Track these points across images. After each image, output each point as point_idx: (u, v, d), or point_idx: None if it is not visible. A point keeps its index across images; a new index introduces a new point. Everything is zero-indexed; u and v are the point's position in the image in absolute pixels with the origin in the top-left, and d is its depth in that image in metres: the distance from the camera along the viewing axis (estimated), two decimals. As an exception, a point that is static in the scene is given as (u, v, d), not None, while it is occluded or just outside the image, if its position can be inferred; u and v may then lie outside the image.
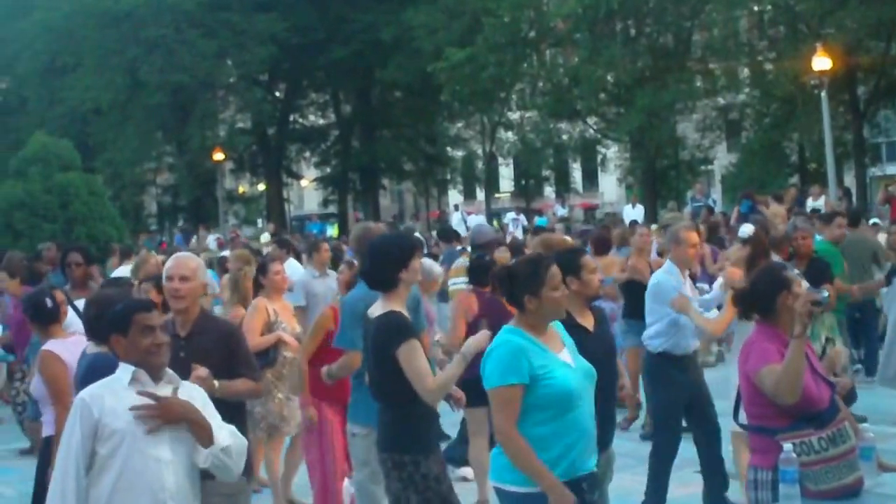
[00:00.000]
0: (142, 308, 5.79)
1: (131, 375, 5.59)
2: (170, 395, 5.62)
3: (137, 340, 5.63)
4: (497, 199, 61.99)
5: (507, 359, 6.01)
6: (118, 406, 5.48)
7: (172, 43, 50.63)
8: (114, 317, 5.81)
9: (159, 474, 5.45)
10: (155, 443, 5.46)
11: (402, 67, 49.05)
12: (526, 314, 6.14)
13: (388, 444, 7.10)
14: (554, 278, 6.13)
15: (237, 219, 70.00)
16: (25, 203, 31.67)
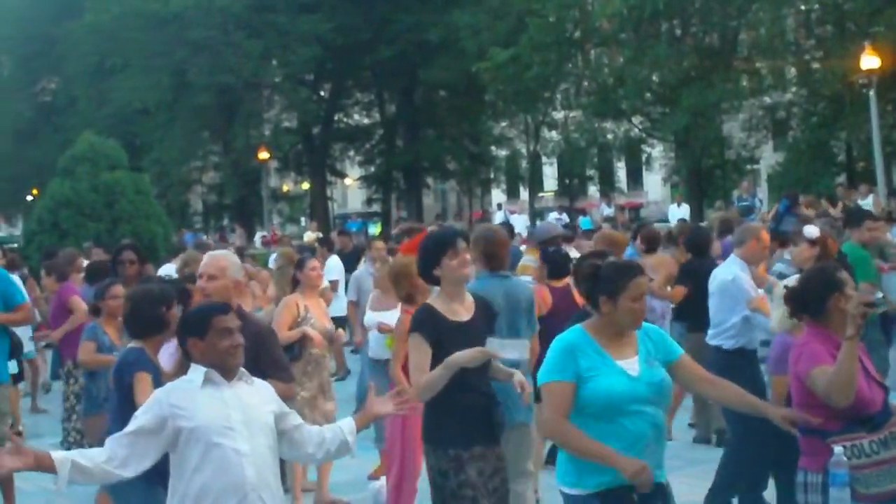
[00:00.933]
0: (219, 311, 5.84)
1: (203, 376, 5.67)
2: (242, 393, 5.72)
3: (216, 343, 5.69)
4: (540, 198, 61.80)
5: (557, 356, 6.01)
6: (193, 406, 5.58)
7: (219, 44, 50.95)
8: (191, 320, 5.88)
9: (240, 467, 5.52)
10: (233, 437, 5.54)
11: (446, 67, 49.08)
12: (599, 317, 6.08)
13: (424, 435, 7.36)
14: (637, 289, 6.00)
15: (281, 217, 70.31)
16: (72, 201, 31.85)
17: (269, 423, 5.75)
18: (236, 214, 62.22)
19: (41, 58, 64.82)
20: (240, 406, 5.66)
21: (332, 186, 69.82)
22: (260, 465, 5.61)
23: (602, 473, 5.86)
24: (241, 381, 5.76)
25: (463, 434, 7.12)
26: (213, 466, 5.51)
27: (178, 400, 5.59)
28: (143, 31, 52.38)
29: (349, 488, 11.51)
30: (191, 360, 5.78)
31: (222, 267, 7.31)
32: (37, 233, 32.26)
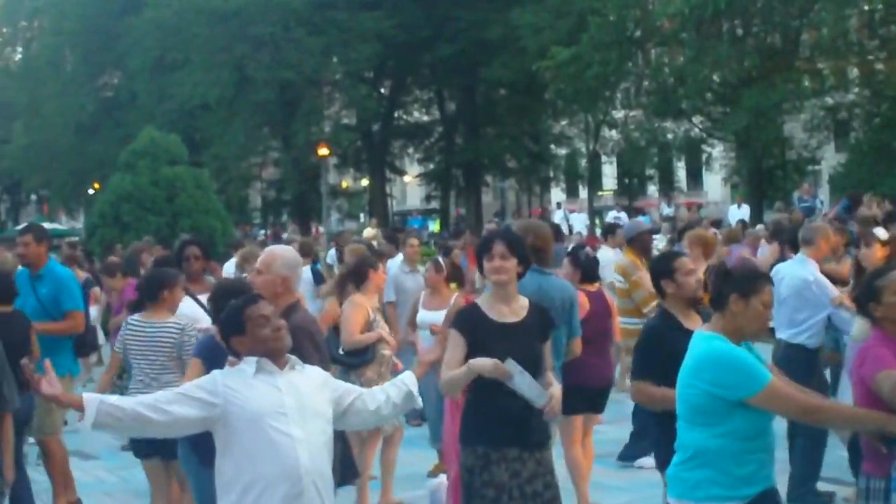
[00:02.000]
0: (250, 302, 5.87)
1: (256, 365, 5.70)
2: (295, 380, 5.76)
3: (257, 333, 5.73)
4: (599, 197, 61.72)
5: (745, 361, 5.78)
6: (246, 391, 5.63)
7: (280, 40, 51.26)
8: (227, 320, 5.90)
9: (294, 452, 5.55)
10: (286, 422, 5.58)
11: (507, 66, 49.10)
12: (725, 317, 5.88)
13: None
14: (767, 295, 5.87)
15: (340, 213, 70.55)
16: (133, 195, 32.16)
17: (322, 410, 5.79)
18: (295, 210, 62.53)
19: (104, 53, 65.32)
20: (293, 392, 5.69)
21: (391, 183, 70.08)
22: (313, 451, 5.64)
23: (754, 482, 5.83)
24: (293, 369, 5.80)
25: (494, 434, 7.08)
26: (267, 451, 5.54)
27: (233, 383, 5.65)
28: (205, 27, 52.78)
29: (407, 484, 11.45)
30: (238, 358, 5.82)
31: (268, 262, 7.33)
32: (98, 226, 32.58)
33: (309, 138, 54.29)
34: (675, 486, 5.96)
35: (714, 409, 5.75)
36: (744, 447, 5.75)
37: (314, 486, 5.61)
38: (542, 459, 7.17)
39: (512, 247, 7.19)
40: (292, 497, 5.55)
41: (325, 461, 5.74)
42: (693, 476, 5.85)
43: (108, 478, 12.59)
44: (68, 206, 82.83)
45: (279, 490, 5.53)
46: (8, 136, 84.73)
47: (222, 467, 5.67)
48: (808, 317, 10.04)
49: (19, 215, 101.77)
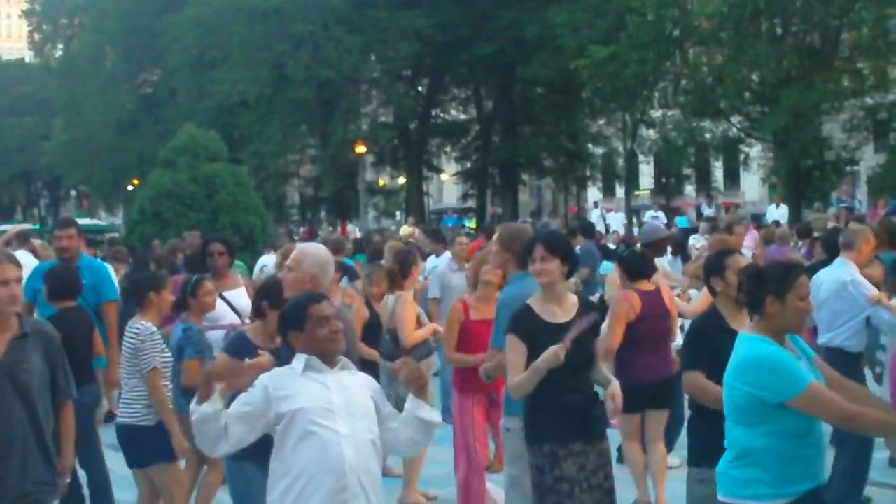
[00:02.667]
0: (313, 301, 5.99)
1: (305, 363, 5.82)
2: (344, 380, 5.88)
3: (315, 332, 5.86)
4: (636, 196, 61.61)
5: (787, 364, 5.81)
6: (295, 388, 5.74)
7: (319, 39, 51.37)
8: (288, 314, 6.02)
9: (339, 447, 5.64)
10: (333, 419, 5.68)
11: (544, 64, 49.01)
12: (765, 318, 5.93)
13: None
14: (802, 288, 5.91)
15: (377, 211, 70.68)
16: (173, 192, 32.18)
17: (370, 410, 5.87)
18: (333, 207, 62.75)
19: (144, 50, 65.65)
20: (341, 391, 5.79)
21: (427, 181, 70.06)
22: (359, 448, 5.71)
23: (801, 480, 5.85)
24: (344, 370, 5.90)
25: (559, 431, 7.29)
26: (313, 447, 5.64)
27: (281, 384, 5.75)
28: (244, 25, 52.99)
29: (442, 482, 11.52)
30: (294, 351, 5.91)
31: (299, 260, 7.37)
32: (139, 223, 32.61)
33: (347, 136, 54.37)
34: (724, 483, 6.01)
35: (758, 410, 5.79)
36: (790, 446, 5.79)
37: (359, 482, 5.69)
38: (602, 451, 7.41)
39: (551, 248, 7.36)
40: (337, 492, 5.64)
41: (372, 458, 5.81)
42: (740, 474, 5.90)
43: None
44: (108, 202, 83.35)
45: (324, 484, 5.63)
46: (48, 132, 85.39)
47: (273, 461, 5.79)
48: (846, 319, 9.97)
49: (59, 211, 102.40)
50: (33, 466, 6.54)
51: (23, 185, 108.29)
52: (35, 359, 6.63)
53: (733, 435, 5.97)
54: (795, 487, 5.81)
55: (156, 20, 62.89)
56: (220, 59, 56.16)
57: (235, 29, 53.54)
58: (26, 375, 6.53)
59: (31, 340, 6.64)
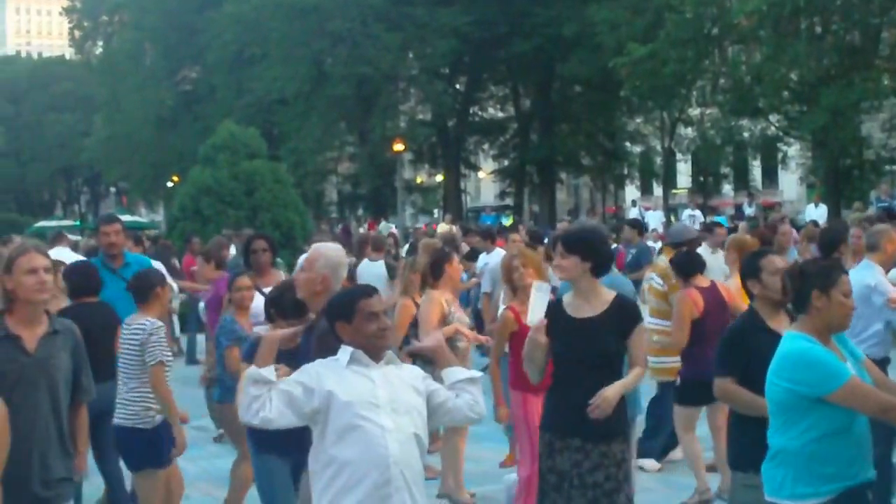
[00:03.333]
0: (364, 295, 5.96)
1: (350, 356, 5.82)
2: (390, 375, 5.85)
3: (363, 327, 5.83)
4: (674, 195, 61.39)
5: (825, 359, 5.83)
6: (340, 381, 5.73)
7: (357, 36, 51.58)
8: (338, 304, 6.01)
9: (384, 441, 5.64)
10: (377, 413, 5.67)
11: (583, 62, 48.94)
12: (811, 315, 5.95)
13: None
14: (845, 285, 5.94)
15: (414, 208, 70.78)
16: (213, 189, 32.32)
17: (415, 404, 5.86)
18: (370, 205, 62.88)
19: (183, 47, 66.02)
20: (386, 385, 5.78)
21: (465, 179, 70.09)
22: (403, 442, 5.70)
23: (837, 479, 5.84)
24: (390, 364, 5.90)
25: (558, 422, 7.43)
26: (357, 440, 5.63)
27: (327, 375, 5.75)
28: (283, 22, 53.20)
29: (483, 479, 11.58)
30: (340, 343, 5.91)
31: (311, 260, 7.37)
32: (179, 219, 32.78)
33: (385, 133, 54.61)
34: (766, 483, 6.04)
35: (796, 407, 5.81)
36: (827, 444, 5.78)
37: (402, 476, 5.68)
38: (607, 452, 7.36)
39: (569, 246, 7.47)
40: (380, 485, 5.63)
41: (415, 453, 5.79)
42: (779, 474, 5.94)
43: (190, 468, 12.69)
44: (147, 198, 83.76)
45: (368, 478, 5.63)
46: (88, 129, 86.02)
47: (316, 453, 5.80)
48: (869, 324, 9.76)
49: (99, 208, 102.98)
50: (53, 462, 6.60)
51: (63, 181, 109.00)
52: (63, 356, 6.71)
53: (773, 435, 6.00)
54: (833, 486, 5.80)
55: (195, 17, 63.25)
56: (259, 56, 56.42)
57: (274, 26, 53.78)
58: (55, 372, 6.60)
59: (60, 337, 6.73)
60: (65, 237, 20.01)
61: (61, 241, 18.77)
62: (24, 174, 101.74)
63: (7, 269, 6.66)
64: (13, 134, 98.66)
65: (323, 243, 7.84)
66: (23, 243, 7.61)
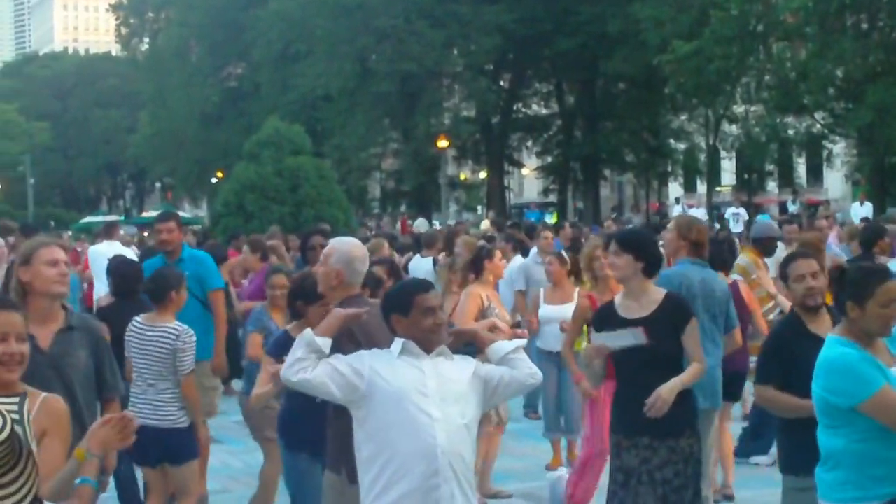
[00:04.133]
0: (422, 289, 5.92)
1: (401, 347, 5.78)
2: (440, 366, 5.81)
3: (418, 321, 5.78)
4: (718, 192, 61.16)
5: (857, 367, 5.70)
6: (391, 370, 5.70)
7: (402, 33, 51.67)
8: (395, 297, 5.99)
9: (432, 430, 5.59)
10: (426, 403, 5.64)
11: (627, 59, 48.90)
12: (848, 321, 5.85)
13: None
14: (885, 294, 5.75)
15: (458, 205, 70.72)
16: (257, 185, 32.38)
17: (465, 394, 5.79)
18: (414, 201, 62.89)
19: (229, 44, 66.30)
20: (436, 375, 5.73)
21: (509, 176, 70.02)
22: (452, 433, 5.64)
23: (889, 482, 5.72)
24: (441, 356, 5.85)
25: (626, 422, 7.47)
26: (405, 429, 5.60)
27: (378, 363, 5.72)
28: (328, 19, 53.39)
29: (525, 476, 11.54)
30: (395, 335, 5.88)
31: (327, 254, 7.22)
32: (223, 215, 32.89)
33: (429, 130, 54.71)
34: (819, 487, 5.95)
35: (836, 413, 5.72)
36: (874, 447, 5.66)
37: (450, 467, 5.62)
38: (675, 447, 7.40)
39: (623, 244, 7.56)
40: (428, 475, 5.59)
41: (465, 444, 5.73)
42: (830, 477, 5.84)
43: (234, 462, 12.82)
44: (192, 194, 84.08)
45: (417, 468, 5.59)
46: (134, 125, 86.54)
47: (361, 444, 5.77)
48: None
49: (144, 203, 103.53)
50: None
51: (108, 176, 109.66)
52: (81, 353, 6.56)
53: (822, 439, 5.88)
54: (883, 489, 5.69)
55: (241, 14, 63.53)
56: (303, 53, 56.61)
57: (319, 23, 53.97)
58: (71, 369, 6.43)
59: (76, 334, 6.58)
60: (117, 229, 19.92)
61: (114, 234, 18.70)
62: (70, 170, 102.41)
63: (25, 261, 6.53)
64: (60, 130, 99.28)
65: (339, 238, 7.77)
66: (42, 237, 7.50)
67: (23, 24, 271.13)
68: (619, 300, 7.58)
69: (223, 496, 11.19)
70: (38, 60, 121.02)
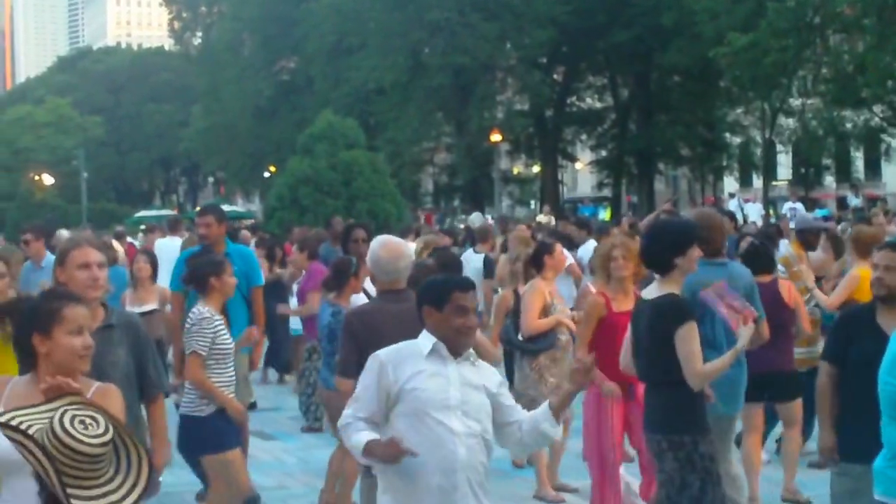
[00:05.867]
0: (460, 287, 5.76)
1: (431, 346, 5.64)
2: (466, 373, 5.66)
3: (451, 318, 5.63)
4: (774, 186, 60.67)
5: None
6: (416, 378, 5.57)
7: (455, 25, 51.57)
8: (431, 289, 5.83)
9: (453, 445, 5.50)
10: (447, 414, 5.52)
11: (682, 52, 48.56)
12: None
13: (664, 425, 7.21)
14: None
15: (511, 199, 70.59)
16: (311, 179, 32.50)
17: (485, 406, 5.68)
18: (467, 195, 62.75)
19: (281, 38, 66.33)
20: (460, 384, 5.61)
21: (562, 170, 69.82)
22: (471, 447, 5.55)
23: None
24: (468, 360, 5.70)
25: (707, 418, 7.37)
26: (426, 442, 5.46)
27: (404, 370, 5.59)
28: (382, 12, 53.40)
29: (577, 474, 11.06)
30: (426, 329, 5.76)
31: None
32: (277, 209, 33.00)
33: (482, 124, 54.59)
34: (881, 482, 5.87)
35: None
36: None
37: (468, 482, 5.55)
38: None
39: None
40: (446, 490, 5.51)
41: (482, 456, 5.63)
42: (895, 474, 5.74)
43: (288, 458, 12.72)
44: (245, 188, 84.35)
45: (433, 480, 5.50)
46: (187, 119, 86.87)
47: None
48: None
49: (196, 197, 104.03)
50: None
51: (161, 171, 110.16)
52: (120, 352, 6.52)
53: (887, 432, 5.76)
54: None
55: (293, 8, 63.59)
56: (356, 46, 56.63)
57: (372, 16, 54.01)
58: (111, 368, 6.33)
59: (116, 332, 6.54)
60: (181, 226, 20.03)
61: (178, 229, 18.79)
62: (123, 164, 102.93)
63: (60, 262, 6.58)
64: (113, 124, 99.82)
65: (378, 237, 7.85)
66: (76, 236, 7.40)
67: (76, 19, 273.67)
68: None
69: (278, 493, 11.07)
70: (91, 55, 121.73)
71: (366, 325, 7.40)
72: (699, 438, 7.13)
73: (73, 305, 4.92)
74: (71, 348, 4.83)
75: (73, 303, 4.95)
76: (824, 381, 7.02)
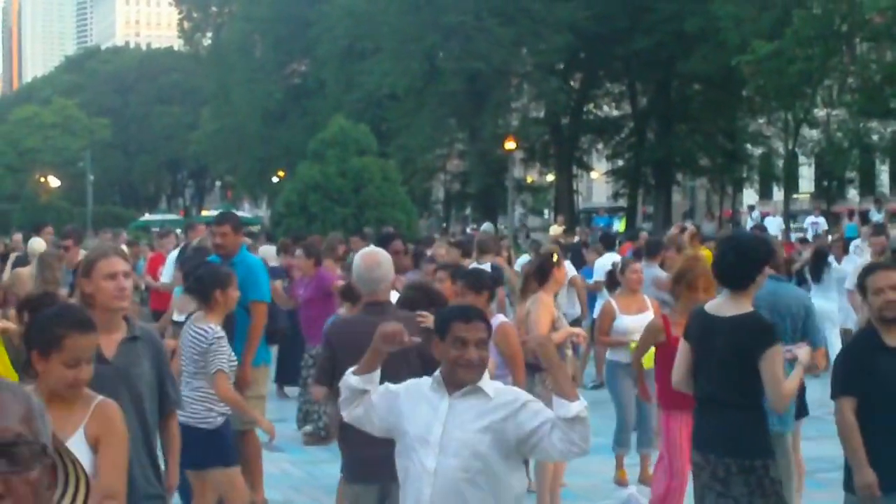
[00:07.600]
0: (461, 317, 5.45)
1: (434, 379, 5.47)
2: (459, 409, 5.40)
3: (448, 350, 5.39)
4: (795, 199, 59.85)
5: None
6: (413, 411, 5.47)
7: (471, 30, 51.29)
8: (437, 318, 5.75)
9: (419, 482, 5.37)
10: (425, 450, 5.37)
11: (705, 59, 47.81)
12: None
13: (735, 448, 7.08)
14: None
15: (524, 208, 70.21)
16: (320, 185, 32.33)
17: (472, 444, 5.32)
18: (479, 204, 62.32)
19: (293, 40, 66.25)
20: (446, 422, 5.38)
21: (577, 179, 69.33)
22: (444, 486, 5.32)
23: None
24: (472, 395, 5.38)
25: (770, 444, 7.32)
26: (404, 474, 5.47)
27: (408, 402, 5.50)
28: (396, 15, 53.29)
29: (594, 494, 11.42)
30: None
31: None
32: (285, 216, 32.77)
33: (496, 131, 54.42)
34: None
35: None
36: None
37: None
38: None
39: None
40: None
41: (461, 498, 5.32)
42: None
43: (295, 472, 12.68)
44: (252, 193, 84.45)
45: None
46: (195, 122, 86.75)
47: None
48: None
49: (203, 202, 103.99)
50: (142, 480, 6.13)
51: (168, 174, 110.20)
52: (145, 364, 6.35)
53: None
54: None
55: (306, 9, 63.52)
56: (369, 50, 56.60)
57: (386, 19, 53.81)
58: (138, 381, 6.23)
59: (140, 344, 6.36)
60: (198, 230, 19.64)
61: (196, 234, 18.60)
62: (130, 167, 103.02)
63: (86, 273, 6.45)
64: (120, 126, 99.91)
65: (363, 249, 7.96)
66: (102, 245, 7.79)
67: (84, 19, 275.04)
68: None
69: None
70: (99, 55, 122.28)
71: (341, 337, 7.43)
72: (769, 463, 7.09)
73: (78, 335, 5.01)
74: (63, 379, 5.00)
75: (80, 332, 5.04)
76: (850, 418, 6.77)
